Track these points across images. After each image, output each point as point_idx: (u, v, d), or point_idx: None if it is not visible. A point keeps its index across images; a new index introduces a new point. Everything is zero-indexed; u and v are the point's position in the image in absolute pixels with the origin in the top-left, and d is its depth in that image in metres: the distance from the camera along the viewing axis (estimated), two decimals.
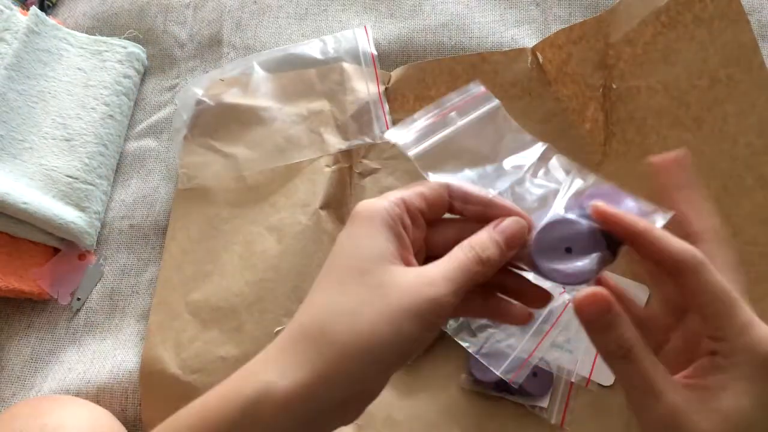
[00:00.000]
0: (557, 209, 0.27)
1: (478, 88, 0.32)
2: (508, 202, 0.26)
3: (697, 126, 0.45)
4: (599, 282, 0.26)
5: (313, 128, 0.54)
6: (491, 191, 0.27)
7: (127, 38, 0.62)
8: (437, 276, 0.24)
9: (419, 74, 0.54)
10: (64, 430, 0.41)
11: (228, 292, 0.50)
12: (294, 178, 0.53)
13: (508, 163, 0.29)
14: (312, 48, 0.57)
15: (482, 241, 0.25)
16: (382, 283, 0.23)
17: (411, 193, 0.26)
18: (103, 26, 0.64)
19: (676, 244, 0.24)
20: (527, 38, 0.55)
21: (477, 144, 0.30)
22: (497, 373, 0.43)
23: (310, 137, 0.54)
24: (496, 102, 0.32)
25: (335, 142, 0.53)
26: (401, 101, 0.54)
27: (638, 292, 0.45)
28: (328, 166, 0.53)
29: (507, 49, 0.54)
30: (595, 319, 0.23)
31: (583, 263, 0.25)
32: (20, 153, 0.54)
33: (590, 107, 0.50)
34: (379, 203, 0.25)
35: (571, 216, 0.26)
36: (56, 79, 0.58)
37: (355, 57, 0.56)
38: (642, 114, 0.47)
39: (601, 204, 0.25)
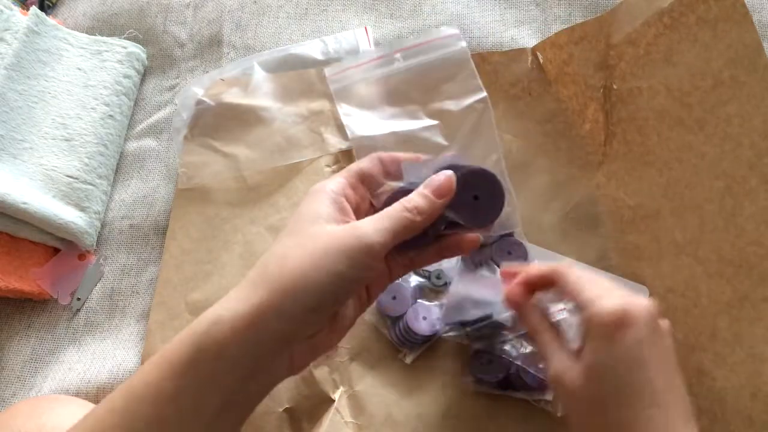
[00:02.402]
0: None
1: (447, 30, 0.32)
2: (429, 161, 0.31)
3: (699, 127, 0.45)
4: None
5: (314, 128, 0.54)
6: (421, 156, 0.31)
7: (127, 38, 0.62)
8: (367, 223, 0.28)
9: None
10: (63, 430, 0.41)
11: (228, 292, 0.50)
12: (294, 178, 0.53)
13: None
14: (312, 48, 0.57)
15: (410, 197, 0.29)
16: (315, 233, 0.28)
17: (351, 168, 0.31)
18: (103, 26, 0.64)
19: (546, 266, 0.34)
20: (527, 38, 0.55)
21: (413, 88, 0.32)
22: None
23: (310, 137, 0.54)
24: (461, 47, 0.31)
25: (335, 142, 0.53)
26: None
27: (637, 292, 0.45)
28: (328, 166, 0.53)
29: (507, 49, 0.54)
30: (515, 307, 0.35)
31: None
32: (20, 153, 0.54)
33: (591, 107, 0.50)
34: (324, 182, 0.30)
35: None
36: (56, 79, 0.58)
37: (356, 57, 0.56)
38: (643, 115, 0.47)
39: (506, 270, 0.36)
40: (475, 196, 0.30)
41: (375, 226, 0.28)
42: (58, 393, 0.49)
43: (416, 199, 0.29)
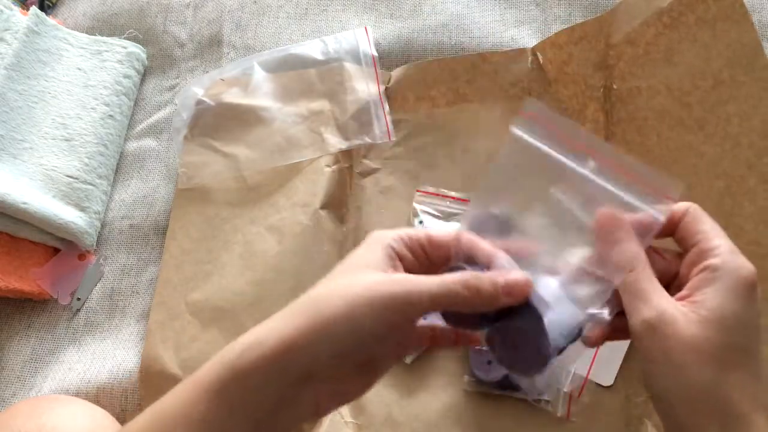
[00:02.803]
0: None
1: (668, 184, 0.27)
2: (511, 264, 0.28)
3: (699, 127, 0.45)
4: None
5: (314, 128, 0.54)
6: (500, 253, 0.28)
7: (127, 38, 0.62)
8: (411, 279, 0.26)
9: (419, 74, 0.54)
10: (62, 430, 0.41)
11: (228, 292, 0.50)
12: (294, 178, 0.53)
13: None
14: (312, 48, 0.57)
15: (480, 275, 0.27)
16: (356, 281, 0.27)
17: (419, 230, 0.29)
18: (103, 26, 0.64)
19: (673, 205, 0.28)
20: (527, 38, 0.55)
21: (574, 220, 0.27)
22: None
23: (310, 137, 0.54)
24: (659, 219, 0.27)
25: (335, 142, 0.53)
26: (401, 101, 0.54)
27: None
28: (328, 166, 0.53)
29: (507, 49, 0.54)
30: (608, 232, 0.28)
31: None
32: (20, 153, 0.54)
33: (590, 107, 0.50)
34: (385, 231, 0.29)
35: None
36: (56, 79, 0.58)
37: (356, 57, 0.56)
38: (643, 114, 0.47)
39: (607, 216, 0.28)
40: (517, 346, 0.27)
41: (419, 286, 0.26)
42: (58, 393, 0.49)
43: (485, 283, 0.26)
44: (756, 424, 0.25)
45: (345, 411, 0.45)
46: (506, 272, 0.27)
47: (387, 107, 0.54)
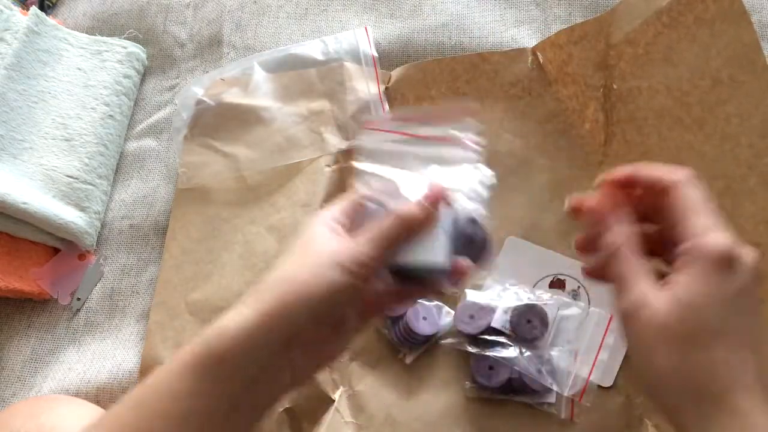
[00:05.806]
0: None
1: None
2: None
3: (698, 127, 0.45)
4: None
5: (314, 128, 0.54)
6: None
7: (127, 38, 0.62)
8: (359, 235, 0.30)
9: (419, 74, 0.54)
10: (62, 430, 0.41)
11: (228, 292, 0.50)
12: (294, 177, 0.53)
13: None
14: (312, 48, 0.57)
15: (406, 206, 0.30)
16: (311, 250, 0.30)
17: (351, 197, 0.33)
18: (103, 26, 0.64)
19: (666, 167, 0.30)
20: (527, 38, 0.55)
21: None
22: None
23: (310, 137, 0.54)
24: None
25: (335, 142, 0.53)
26: (401, 101, 0.54)
27: None
28: (328, 165, 0.53)
29: (507, 49, 0.54)
30: (598, 220, 0.30)
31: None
32: (20, 153, 0.54)
33: (591, 107, 0.50)
34: (322, 210, 0.32)
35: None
36: (56, 79, 0.58)
37: (356, 57, 0.56)
38: (643, 114, 0.47)
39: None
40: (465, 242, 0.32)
41: (365, 237, 0.30)
42: (58, 393, 0.49)
43: (411, 206, 0.30)
44: (731, 404, 0.25)
45: (345, 411, 0.45)
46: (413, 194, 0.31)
47: (387, 107, 0.54)
